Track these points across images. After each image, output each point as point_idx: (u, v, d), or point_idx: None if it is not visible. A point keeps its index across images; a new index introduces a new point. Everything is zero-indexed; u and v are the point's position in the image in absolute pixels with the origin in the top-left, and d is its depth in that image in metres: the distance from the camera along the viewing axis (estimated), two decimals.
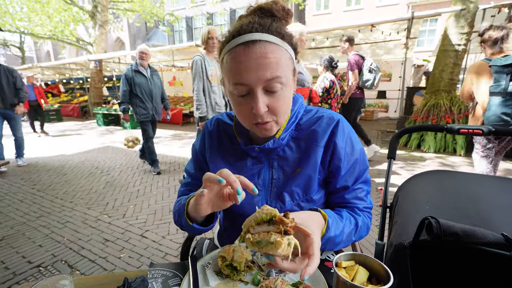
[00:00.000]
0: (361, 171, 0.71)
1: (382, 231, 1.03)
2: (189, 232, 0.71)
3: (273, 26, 0.58)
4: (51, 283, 0.47)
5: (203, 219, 0.66)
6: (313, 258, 0.46)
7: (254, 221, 0.48)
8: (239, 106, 0.61)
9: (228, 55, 0.58)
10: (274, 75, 0.56)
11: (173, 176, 3.76)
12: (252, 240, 0.47)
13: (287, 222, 0.45)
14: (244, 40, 0.56)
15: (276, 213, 0.47)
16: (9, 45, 17.48)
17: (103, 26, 9.90)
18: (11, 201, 3.04)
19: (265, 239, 0.45)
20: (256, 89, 0.57)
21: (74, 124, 9.14)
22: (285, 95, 0.60)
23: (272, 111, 0.60)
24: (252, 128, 0.64)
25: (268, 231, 0.46)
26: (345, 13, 14.47)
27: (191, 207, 0.61)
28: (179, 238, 2.23)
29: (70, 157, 4.97)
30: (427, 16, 5.05)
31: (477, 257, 0.58)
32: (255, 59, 0.55)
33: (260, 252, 0.47)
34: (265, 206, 0.49)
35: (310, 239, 0.48)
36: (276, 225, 0.46)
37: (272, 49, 0.56)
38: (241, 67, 0.56)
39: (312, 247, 0.47)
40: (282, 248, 0.43)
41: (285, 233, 0.45)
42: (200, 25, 19.37)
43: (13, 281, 1.76)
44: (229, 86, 0.60)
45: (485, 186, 0.87)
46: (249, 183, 0.52)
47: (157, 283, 0.57)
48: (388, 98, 8.47)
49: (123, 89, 3.48)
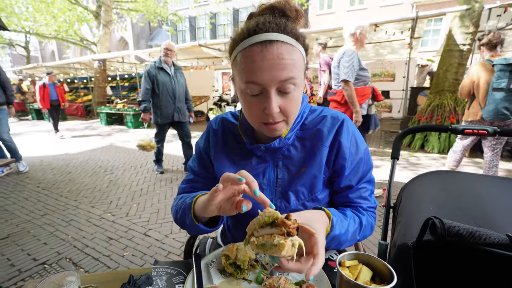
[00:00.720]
0: (365, 170, 0.71)
1: (385, 231, 1.02)
2: (191, 231, 0.71)
3: (289, 26, 0.58)
4: (58, 279, 0.48)
5: (207, 219, 0.66)
6: (318, 257, 0.47)
7: (258, 224, 0.49)
8: (250, 105, 0.61)
9: (242, 53, 0.57)
10: (289, 76, 0.56)
11: (175, 176, 3.77)
12: (256, 243, 0.47)
13: (289, 224, 0.46)
14: (260, 39, 0.55)
15: (278, 215, 0.47)
16: (15, 44, 17.69)
17: (107, 26, 9.97)
18: (16, 199, 3.08)
19: (269, 242, 0.45)
20: (270, 89, 0.57)
21: (79, 124, 9.21)
22: (297, 96, 0.61)
23: (283, 112, 0.60)
24: (260, 128, 0.64)
25: (272, 234, 0.46)
26: (349, 13, 14.41)
27: (199, 206, 0.60)
28: (182, 237, 2.24)
29: (74, 156, 5.02)
30: (431, 16, 5.01)
31: (481, 258, 0.58)
32: (271, 60, 0.55)
33: (265, 254, 0.47)
34: (267, 208, 0.49)
35: (315, 238, 0.48)
36: (278, 227, 0.46)
37: (287, 50, 0.56)
38: (256, 66, 0.55)
39: (316, 246, 0.48)
40: (286, 250, 0.43)
41: (288, 235, 0.45)
42: (203, 24, 19.41)
43: (19, 278, 1.78)
44: (240, 84, 0.60)
45: (489, 186, 0.86)
46: (267, 200, 0.51)
47: (162, 281, 0.58)
48: (391, 98, 8.41)
49: (145, 87, 3.29)
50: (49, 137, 6.90)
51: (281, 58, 0.55)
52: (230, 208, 0.56)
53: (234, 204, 0.56)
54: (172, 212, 0.76)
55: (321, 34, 5.98)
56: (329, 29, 5.57)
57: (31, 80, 12.39)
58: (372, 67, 8.52)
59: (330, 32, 5.71)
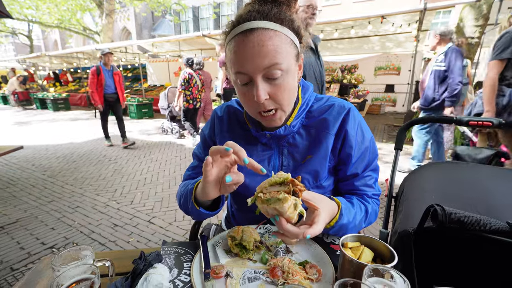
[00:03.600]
0: (371, 159, 0.72)
1: (387, 220, 1.04)
2: (194, 216, 0.72)
3: (272, 11, 0.57)
4: (74, 253, 0.50)
5: (210, 203, 0.68)
6: (316, 224, 0.50)
7: (268, 183, 0.52)
8: (243, 95, 0.62)
9: (229, 45, 0.59)
10: (272, 62, 0.55)
11: (179, 165, 3.81)
12: (263, 198, 0.51)
13: (297, 183, 0.49)
14: (242, 29, 0.56)
15: (289, 176, 0.51)
16: (18, 33, 17.62)
17: (110, 15, 9.89)
18: (23, 186, 3.14)
19: (275, 197, 0.49)
20: (255, 77, 0.57)
21: (83, 113, 9.26)
22: (287, 81, 0.59)
23: (274, 99, 0.60)
24: (257, 117, 0.65)
25: (279, 191, 0.50)
26: (355, 4, 14.11)
27: (199, 191, 0.62)
28: (185, 225, 2.28)
29: (79, 145, 5.07)
30: (440, 7, 4.89)
31: (481, 245, 0.59)
32: (252, 48, 0.55)
33: (268, 210, 0.51)
34: (280, 172, 0.52)
35: (317, 211, 0.51)
36: (287, 186, 0.50)
37: (270, 36, 0.55)
38: (239, 56, 0.56)
39: (317, 217, 0.51)
40: (288, 205, 0.47)
41: (293, 194, 0.49)
42: (207, 15, 19.13)
43: (28, 260, 1.84)
44: (232, 75, 0.61)
45: (490, 176, 0.87)
46: (257, 165, 0.53)
47: (170, 259, 0.60)
48: (396, 92, 8.32)
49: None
50: (53, 127, 6.94)
51: (262, 45, 0.54)
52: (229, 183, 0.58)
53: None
54: (177, 199, 0.78)
55: (326, 25, 5.88)
56: (334, 21, 5.47)
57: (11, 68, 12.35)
58: (377, 60, 8.40)
59: (335, 23, 5.62)
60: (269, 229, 0.72)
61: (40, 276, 0.57)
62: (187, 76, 4.37)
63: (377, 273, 0.44)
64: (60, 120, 7.85)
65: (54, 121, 7.67)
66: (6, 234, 2.16)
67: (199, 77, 4.55)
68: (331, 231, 0.62)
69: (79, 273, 0.45)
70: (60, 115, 8.81)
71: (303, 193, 0.52)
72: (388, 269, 0.43)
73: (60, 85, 12.70)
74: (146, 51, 9.69)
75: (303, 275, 0.53)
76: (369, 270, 0.44)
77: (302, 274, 0.53)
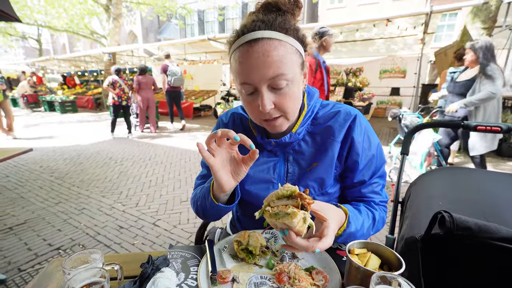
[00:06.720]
0: (378, 165, 0.72)
1: (393, 226, 1.03)
2: (212, 214, 0.71)
3: (277, 21, 0.57)
4: (83, 256, 0.51)
5: (227, 199, 0.68)
6: (326, 238, 0.49)
7: (275, 196, 0.52)
8: (248, 104, 0.63)
9: (234, 55, 0.59)
10: (278, 72, 0.56)
11: (184, 168, 3.84)
12: (271, 212, 0.50)
13: (305, 197, 0.49)
14: (246, 39, 0.56)
15: (296, 189, 0.50)
16: (28, 37, 18.05)
17: (117, 19, 10.04)
18: (31, 187, 3.20)
19: (283, 211, 0.48)
20: (260, 87, 0.57)
21: (89, 115, 9.39)
22: (292, 91, 0.60)
23: (279, 108, 0.60)
24: (262, 125, 0.66)
25: (287, 205, 0.50)
26: (360, 7, 14.09)
27: (215, 187, 0.64)
28: (189, 228, 2.29)
29: (85, 147, 5.14)
30: (446, 10, 4.85)
31: (490, 252, 0.59)
32: (257, 58, 0.55)
33: (277, 224, 0.50)
34: (286, 184, 0.52)
35: (326, 222, 0.50)
36: (294, 200, 0.49)
37: (275, 46, 0.55)
38: (244, 67, 0.57)
39: (327, 230, 0.50)
40: (297, 220, 0.46)
41: (302, 208, 0.48)
42: (212, 18, 19.33)
43: (36, 261, 1.87)
44: (237, 85, 0.62)
45: (498, 182, 0.86)
46: (248, 140, 0.54)
47: (177, 263, 0.61)
48: (401, 95, 8.25)
49: None
50: (60, 129, 7.05)
51: (267, 55, 0.55)
52: (238, 166, 0.60)
53: (240, 162, 0.60)
54: (191, 204, 0.78)
55: (330, 28, 5.88)
56: (339, 24, 5.48)
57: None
58: (382, 63, 8.36)
59: (340, 26, 5.62)
60: (275, 234, 0.72)
61: (50, 278, 0.58)
62: (111, 81, 5.57)
63: (384, 280, 0.44)
64: (67, 122, 7.97)
65: (62, 123, 7.79)
66: (14, 235, 2.20)
67: (124, 82, 5.74)
68: (339, 240, 0.62)
69: (89, 276, 0.46)
70: (67, 117, 8.94)
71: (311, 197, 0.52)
72: (396, 277, 0.43)
73: (68, 88, 12.93)
74: (152, 54, 9.82)
75: (310, 281, 0.53)
76: (377, 278, 0.43)
77: (309, 280, 0.53)
